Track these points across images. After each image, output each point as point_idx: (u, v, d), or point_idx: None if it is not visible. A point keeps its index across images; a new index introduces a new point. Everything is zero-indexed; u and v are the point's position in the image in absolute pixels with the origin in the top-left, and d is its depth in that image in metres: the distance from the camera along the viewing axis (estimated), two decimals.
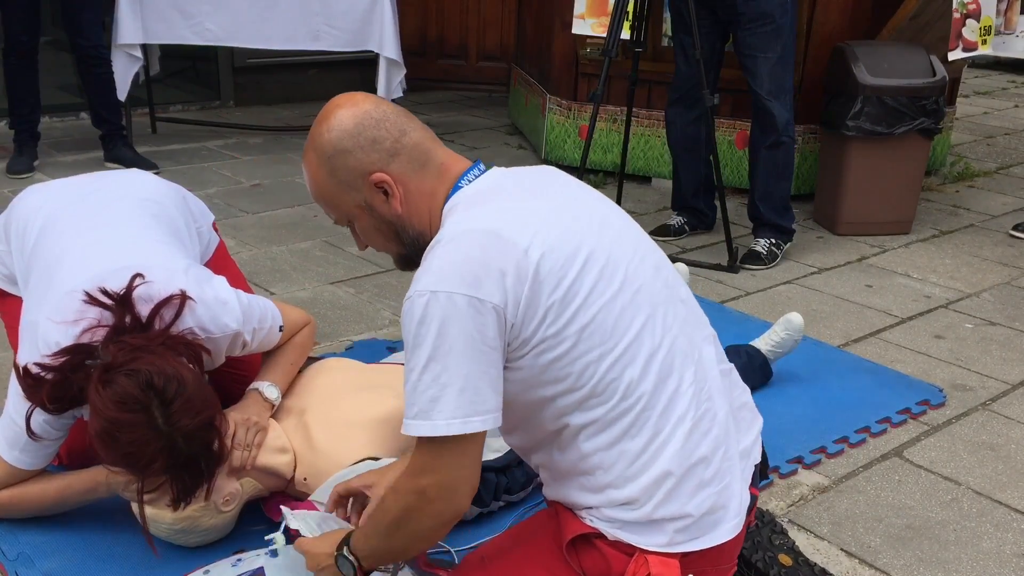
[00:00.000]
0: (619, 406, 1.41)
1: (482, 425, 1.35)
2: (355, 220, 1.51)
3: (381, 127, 1.45)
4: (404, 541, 1.46)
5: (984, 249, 4.00)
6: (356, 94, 1.51)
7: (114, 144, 4.58)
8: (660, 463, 1.42)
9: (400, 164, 1.46)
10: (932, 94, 3.86)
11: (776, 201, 3.74)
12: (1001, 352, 3.01)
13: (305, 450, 1.95)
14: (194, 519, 1.82)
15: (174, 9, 4.45)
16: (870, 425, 2.50)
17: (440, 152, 1.50)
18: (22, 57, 4.27)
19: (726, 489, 1.49)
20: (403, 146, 1.46)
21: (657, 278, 1.49)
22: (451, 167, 1.49)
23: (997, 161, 5.56)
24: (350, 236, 1.60)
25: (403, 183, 1.46)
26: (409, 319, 1.35)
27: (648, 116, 4.54)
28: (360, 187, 1.46)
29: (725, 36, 3.67)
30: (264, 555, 1.77)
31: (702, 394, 1.47)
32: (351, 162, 1.45)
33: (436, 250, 1.38)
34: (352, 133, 1.44)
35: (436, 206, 1.48)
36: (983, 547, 2.05)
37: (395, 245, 1.53)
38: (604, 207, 1.53)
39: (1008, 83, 8.41)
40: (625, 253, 1.45)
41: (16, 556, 1.86)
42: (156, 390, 1.60)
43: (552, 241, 1.38)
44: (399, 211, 1.47)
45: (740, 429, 1.56)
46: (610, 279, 1.41)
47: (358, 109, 1.46)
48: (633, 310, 1.41)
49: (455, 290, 1.32)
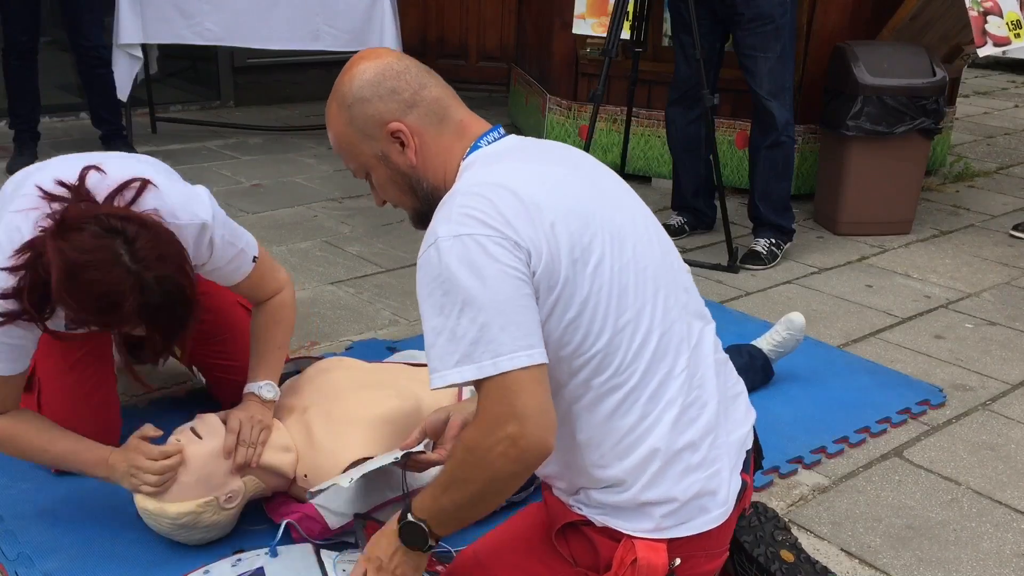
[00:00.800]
0: (611, 380, 1.40)
1: (534, 358, 1.31)
2: (372, 171, 1.53)
3: (401, 78, 1.47)
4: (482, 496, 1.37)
5: (984, 249, 4.00)
6: (381, 48, 1.54)
7: (114, 144, 4.58)
8: (647, 443, 1.42)
9: (417, 116, 1.47)
10: (932, 94, 3.86)
11: (776, 201, 3.74)
12: (1001, 352, 3.01)
13: (306, 448, 1.95)
14: (196, 515, 1.82)
15: (174, 9, 4.45)
16: (870, 425, 2.50)
17: (460, 111, 1.52)
18: (22, 57, 4.28)
19: (715, 475, 1.48)
20: (422, 99, 1.48)
21: (664, 262, 1.49)
22: (470, 126, 1.51)
23: (997, 161, 5.56)
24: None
25: (419, 135, 1.48)
26: (427, 270, 1.33)
27: (648, 116, 4.54)
28: (377, 136, 1.48)
29: (725, 36, 3.67)
30: (264, 555, 1.77)
31: (694, 380, 1.47)
32: (369, 111, 1.47)
33: (454, 199, 1.38)
34: (372, 83, 1.47)
35: (452, 162, 1.49)
36: (983, 547, 2.04)
37: (410, 198, 1.54)
38: (618, 185, 1.54)
39: (1008, 83, 8.41)
40: (636, 231, 1.46)
41: (16, 556, 1.86)
42: (117, 231, 1.57)
43: (566, 206, 1.38)
44: (414, 162, 1.49)
45: (732, 418, 1.56)
46: (619, 253, 1.41)
47: (380, 61, 1.49)
48: (637, 288, 1.42)
49: (477, 231, 1.31)
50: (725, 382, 1.57)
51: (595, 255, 1.38)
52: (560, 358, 1.40)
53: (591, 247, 1.38)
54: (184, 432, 1.85)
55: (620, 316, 1.40)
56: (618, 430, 1.43)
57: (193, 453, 1.81)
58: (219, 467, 1.83)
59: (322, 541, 1.84)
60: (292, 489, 1.98)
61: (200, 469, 1.81)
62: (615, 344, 1.40)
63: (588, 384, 1.41)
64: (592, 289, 1.37)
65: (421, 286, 1.35)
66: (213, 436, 1.84)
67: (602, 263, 1.38)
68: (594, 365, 1.40)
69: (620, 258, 1.41)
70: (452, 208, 1.36)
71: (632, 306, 1.41)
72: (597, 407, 1.42)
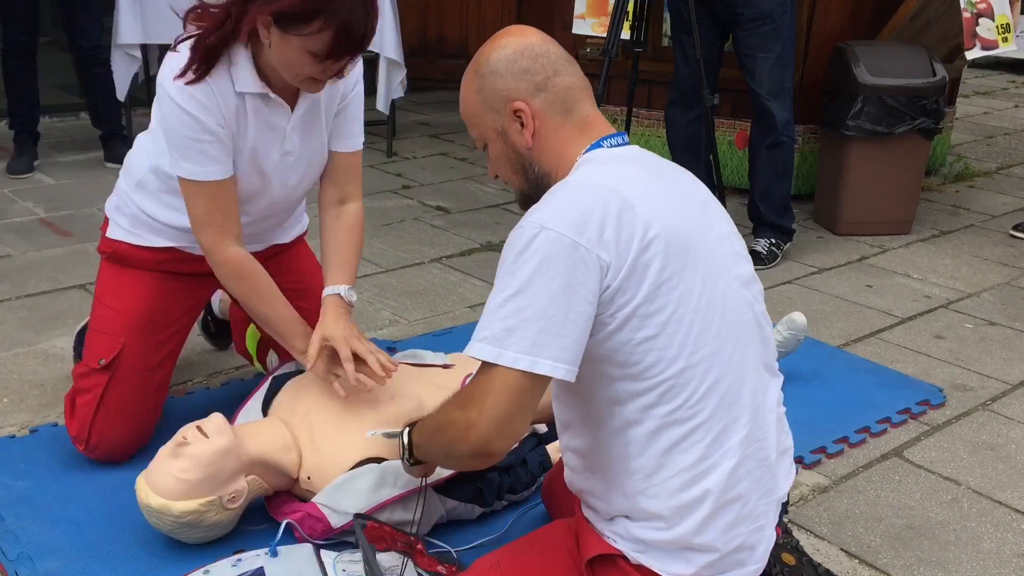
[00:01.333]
0: (676, 413, 1.38)
1: (551, 370, 1.31)
2: (490, 144, 1.54)
3: (537, 60, 1.49)
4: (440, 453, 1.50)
5: (984, 249, 4.00)
6: (528, 28, 1.56)
7: (114, 144, 4.58)
8: (702, 485, 1.40)
9: (543, 101, 1.48)
10: (932, 94, 3.86)
11: (776, 201, 3.74)
12: (1001, 352, 3.01)
13: (309, 451, 1.95)
14: (200, 514, 1.82)
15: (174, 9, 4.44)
16: (870, 425, 2.50)
17: (588, 107, 1.53)
18: (21, 57, 4.27)
19: (758, 531, 1.47)
20: (553, 85, 1.48)
21: (751, 310, 1.48)
22: (596, 124, 1.52)
23: (997, 161, 5.56)
24: None
25: (541, 119, 1.48)
26: (512, 246, 1.35)
27: (648, 116, 4.54)
28: (501, 111, 1.49)
29: (725, 36, 3.67)
30: (264, 555, 1.77)
31: (756, 434, 1.45)
32: (499, 84, 1.49)
33: (562, 190, 1.40)
34: (509, 59, 1.49)
35: (569, 154, 1.49)
36: (983, 547, 2.04)
37: (520, 179, 1.54)
38: (724, 223, 1.53)
39: (1008, 83, 8.41)
40: (731, 273, 1.45)
41: (16, 556, 1.86)
42: None
43: (672, 226, 1.38)
44: (529, 143, 1.49)
45: (779, 474, 1.53)
46: (710, 289, 1.39)
47: (524, 40, 1.51)
48: (720, 327, 1.40)
49: (567, 232, 1.32)
50: (780, 437, 1.55)
51: (685, 282, 1.37)
52: (624, 376, 1.38)
53: (684, 273, 1.37)
54: (190, 430, 1.84)
55: (698, 350, 1.37)
56: (675, 464, 1.40)
57: (199, 451, 1.81)
58: (225, 467, 1.83)
59: (323, 541, 1.84)
60: (294, 488, 1.98)
61: (206, 468, 1.80)
62: (687, 377, 1.38)
63: (651, 411, 1.39)
64: (675, 315, 1.36)
65: (504, 253, 1.37)
66: (219, 435, 1.84)
67: (691, 292, 1.37)
68: (660, 392, 1.38)
69: (710, 293, 1.39)
70: (560, 196, 1.37)
71: (711, 343, 1.39)
72: (658, 436, 1.40)
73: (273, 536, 1.81)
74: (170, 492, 1.79)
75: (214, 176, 1.96)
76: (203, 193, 1.97)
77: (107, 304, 2.18)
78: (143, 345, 2.16)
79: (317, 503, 1.87)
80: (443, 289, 3.33)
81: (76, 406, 2.16)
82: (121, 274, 2.19)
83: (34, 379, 2.57)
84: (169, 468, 1.81)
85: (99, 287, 2.22)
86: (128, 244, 2.18)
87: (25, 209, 3.97)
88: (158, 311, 2.18)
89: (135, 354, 2.15)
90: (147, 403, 2.18)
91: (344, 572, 1.74)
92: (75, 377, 2.20)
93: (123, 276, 2.18)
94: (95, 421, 2.11)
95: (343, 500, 1.85)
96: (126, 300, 2.16)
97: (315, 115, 2.08)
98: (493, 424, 1.33)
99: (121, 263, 2.19)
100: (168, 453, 1.83)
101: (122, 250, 2.18)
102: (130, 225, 2.17)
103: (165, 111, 1.92)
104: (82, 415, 2.13)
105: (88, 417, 2.12)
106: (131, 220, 2.17)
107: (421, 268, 3.51)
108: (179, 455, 1.81)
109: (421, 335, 2.93)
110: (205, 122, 1.91)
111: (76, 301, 3.07)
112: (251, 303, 2.09)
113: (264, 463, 1.91)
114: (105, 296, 2.19)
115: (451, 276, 3.45)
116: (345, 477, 1.89)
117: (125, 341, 2.13)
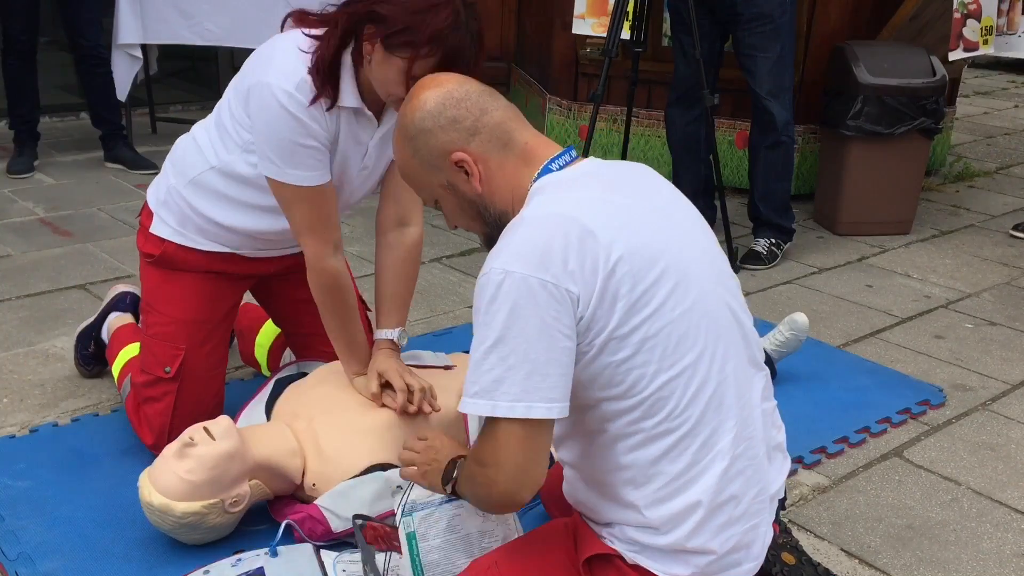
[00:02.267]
0: (663, 425, 1.38)
1: (546, 412, 1.32)
2: (441, 200, 1.52)
3: (461, 106, 1.46)
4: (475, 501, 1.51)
5: (984, 249, 4.00)
6: (441, 75, 1.54)
7: (114, 144, 4.58)
8: (692, 492, 1.40)
9: (480, 143, 1.45)
10: (932, 94, 3.86)
11: (776, 201, 3.74)
12: (1001, 352, 3.01)
13: (314, 457, 1.95)
14: (201, 516, 1.82)
15: (174, 9, 4.44)
16: (870, 425, 2.50)
17: (525, 134, 1.49)
18: (21, 57, 4.27)
19: (753, 529, 1.47)
20: (484, 125, 1.46)
21: (727, 308, 1.46)
22: (537, 150, 1.48)
23: (997, 161, 5.56)
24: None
25: (483, 162, 1.46)
26: (481, 296, 1.34)
27: (648, 116, 4.53)
28: (442, 167, 1.47)
29: (724, 36, 3.67)
30: (264, 555, 1.77)
31: (744, 432, 1.45)
32: (432, 142, 1.46)
33: (517, 229, 1.37)
34: (433, 113, 1.45)
35: (520, 187, 1.47)
36: (983, 547, 2.04)
37: (479, 224, 1.53)
38: (692, 222, 1.51)
39: (1008, 83, 8.41)
40: (702, 274, 1.43)
41: (16, 556, 1.86)
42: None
43: (635, 243, 1.36)
44: (479, 190, 1.47)
45: (772, 470, 1.53)
46: (682, 297, 1.38)
47: (441, 90, 1.47)
48: (697, 334, 1.39)
49: (532, 272, 1.31)
50: (769, 433, 1.54)
51: (657, 298, 1.36)
52: (609, 396, 1.38)
53: (654, 289, 1.36)
54: (198, 431, 1.84)
55: (677, 362, 1.37)
56: (665, 474, 1.40)
57: (205, 453, 1.80)
58: (229, 470, 1.83)
59: (323, 542, 1.84)
60: (298, 492, 1.98)
61: (211, 470, 1.80)
62: (669, 389, 1.37)
63: (638, 425, 1.39)
64: (649, 332, 1.35)
65: (475, 303, 1.36)
66: (226, 438, 1.83)
67: (663, 306, 1.36)
68: (645, 408, 1.38)
69: (683, 302, 1.38)
70: (514, 238, 1.35)
71: (690, 352, 1.38)
72: (645, 448, 1.40)
73: (273, 536, 1.81)
74: (173, 492, 1.79)
75: (318, 181, 1.95)
76: (306, 199, 1.95)
77: (160, 311, 2.16)
78: (201, 349, 2.16)
79: (319, 506, 1.87)
80: (443, 289, 3.33)
81: (147, 416, 2.16)
82: (171, 279, 2.16)
83: (34, 379, 2.57)
84: (174, 468, 1.80)
85: (148, 292, 2.19)
86: (176, 245, 2.13)
87: (25, 209, 3.97)
88: (209, 313, 2.18)
89: (197, 359, 2.15)
90: (214, 402, 2.21)
91: (344, 572, 1.74)
92: (137, 387, 2.19)
93: (173, 281, 2.15)
94: (172, 428, 2.11)
95: (345, 506, 1.85)
96: (180, 306, 2.14)
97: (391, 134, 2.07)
98: (511, 478, 1.35)
99: (169, 267, 2.15)
100: (174, 453, 1.82)
101: (171, 252, 2.14)
102: (178, 224, 2.13)
103: (271, 115, 1.88)
104: (158, 424, 2.14)
105: (164, 425, 2.13)
106: (179, 219, 2.13)
107: (421, 268, 3.50)
108: (185, 455, 1.81)
109: (421, 335, 2.93)
110: (313, 128, 1.89)
111: (76, 301, 3.07)
112: (331, 315, 2.09)
113: (269, 468, 1.90)
114: (158, 302, 2.17)
115: (451, 276, 3.45)
116: (350, 484, 1.89)
117: (186, 347, 2.13)
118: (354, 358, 2.12)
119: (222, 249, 2.14)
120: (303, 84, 1.86)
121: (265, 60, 1.92)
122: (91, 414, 2.40)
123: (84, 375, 2.58)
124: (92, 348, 2.56)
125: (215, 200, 2.08)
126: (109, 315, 2.56)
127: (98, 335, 2.54)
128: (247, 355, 2.59)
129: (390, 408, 2.02)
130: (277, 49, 1.91)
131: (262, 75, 1.89)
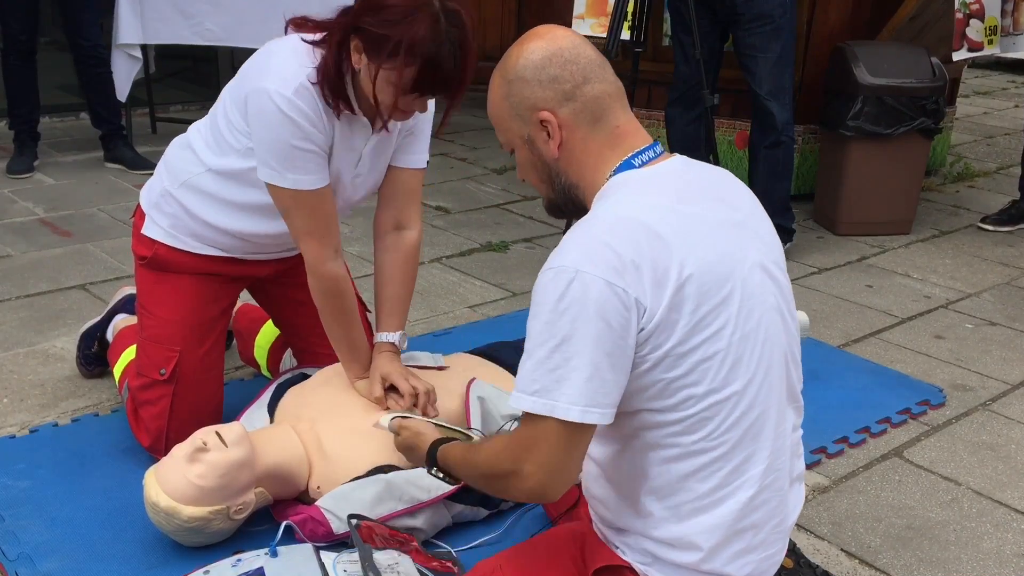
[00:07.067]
0: (700, 443, 1.37)
1: (600, 418, 1.31)
2: (516, 150, 1.50)
3: (566, 68, 1.42)
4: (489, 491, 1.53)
5: (984, 249, 4.00)
6: (559, 29, 1.48)
7: (114, 144, 4.58)
8: (716, 513, 1.39)
9: (572, 110, 1.42)
10: (932, 94, 3.86)
11: (776, 201, 3.73)
12: (1001, 352, 3.01)
13: (318, 459, 1.96)
14: (206, 521, 1.82)
15: (174, 9, 4.44)
16: (870, 425, 2.50)
17: (620, 116, 1.45)
18: (21, 57, 4.27)
19: (769, 559, 1.47)
20: (582, 93, 1.42)
21: (782, 337, 1.44)
22: (627, 136, 1.45)
23: (997, 161, 5.56)
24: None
25: (568, 129, 1.42)
26: (546, 292, 1.30)
27: (648, 116, 4.53)
28: (527, 119, 1.44)
29: (724, 36, 3.67)
30: (264, 555, 1.76)
31: (775, 464, 1.43)
32: (526, 92, 1.43)
33: (591, 228, 1.34)
34: (537, 65, 1.42)
35: (599, 169, 1.43)
36: (983, 547, 2.04)
37: (546, 187, 1.51)
38: (764, 240, 1.46)
39: (1008, 83, 8.41)
40: (766, 300, 1.40)
41: (16, 556, 1.86)
42: None
43: (707, 262, 1.33)
44: (555, 155, 1.44)
45: (792, 500, 1.52)
46: (744, 321, 1.36)
47: (553, 44, 1.44)
48: (751, 360, 1.37)
49: (605, 276, 1.28)
50: (794, 463, 1.52)
51: (720, 319, 1.33)
52: (653, 408, 1.37)
53: (718, 310, 1.33)
54: (210, 435, 1.83)
55: (727, 386, 1.35)
56: (692, 491, 1.39)
57: (218, 460, 1.79)
58: (239, 478, 1.82)
59: (323, 543, 1.84)
60: (302, 495, 1.98)
61: (221, 477, 1.79)
62: (714, 411, 1.36)
63: (676, 439, 1.38)
64: (707, 354, 1.33)
65: (536, 297, 1.33)
66: (239, 446, 1.82)
67: (724, 329, 1.34)
68: (687, 424, 1.36)
69: (744, 326, 1.35)
70: (587, 237, 1.32)
71: (741, 378, 1.36)
72: (679, 463, 1.39)
73: (273, 536, 1.80)
74: (182, 495, 1.79)
75: (317, 185, 1.95)
76: (306, 203, 1.95)
77: (154, 312, 2.16)
78: (196, 351, 2.15)
79: (320, 507, 1.87)
80: (443, 289, 3.33)
81: (143, 419, 2.16)
82: (163, 280, 2.16)
83: (34, 379, 2.57)
84: (184, 471, 1.79)
85: (143, 294, 2.20)
86: (168, 247, 2.14)
87: (25, 209, 3.97)
88: (204, 315, 2.17)
89: (192, 360, 2.14)
90: (212, 403, 2.20)
91: (344, 572, 1.73)
92: (133, 390, 2.19)
93: (166, 282, 2.15)
94: (169, 431, 2.11)
95: (346, 508, 1.85)
96: (173, 308, 2.14)
97: (388, 140, 2.08)
98: (548, 475, 1.34)
99: (161, 269, 2.15)
100: (185, 455, 1.81)
101: (162, 254, 2.14)
102: (169, 227, 2.13)
103: (270, 120, 1.88)
104: (155, 427, 2.14)
105: (161, 428, 2.13)
106: (171, 221, 2.13)
107: (421, 268, 3.50)
108: (197, 460, 1.79)
109: (421, 335, 2.93)
110: (311, 132, 1.90)
111: (76, 301, 3.07)
112: (332, 319, 2.09)
113: (277, 477, 1.90)
114: (151, 304, 2.17)
115: (451, 276, 3.45)
116: (352, 486, 1.89)
117: (180, 349, 2.13)
118: (355, 361, 2.12)
119: (215, 252, 2.14)
120: (301, 89, 1.87)
121: (262, 66, 1.92)
122: (91, 414, 2.40)
123: (85, 375, 2.58)
124: (96, 348, 2.56)
125: (209, 202, 2.08)
126: (116, 316, 2.56)
127: (103, 335, 2.54)
128: (246, 356, 2.59)
129: (395, 411, 2.02)
130: (274, 55, 1.92)
131: (259, 81, 1.89)
